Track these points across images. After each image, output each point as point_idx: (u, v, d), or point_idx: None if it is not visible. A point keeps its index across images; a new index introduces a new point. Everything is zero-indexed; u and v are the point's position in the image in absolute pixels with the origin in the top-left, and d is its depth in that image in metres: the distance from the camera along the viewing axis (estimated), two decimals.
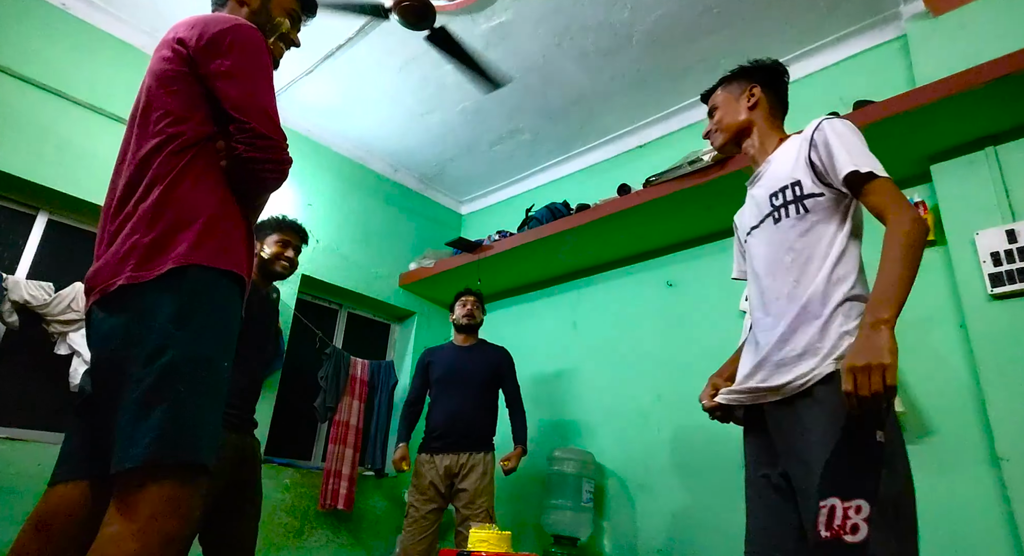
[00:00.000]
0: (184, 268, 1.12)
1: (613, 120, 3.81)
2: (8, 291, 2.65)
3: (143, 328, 1.09)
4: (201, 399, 1.09)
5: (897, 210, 1.28)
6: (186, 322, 1.10)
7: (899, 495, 1.17)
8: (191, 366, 1.09)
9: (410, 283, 4.23)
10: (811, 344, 1.32)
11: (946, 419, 2.31)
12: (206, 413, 1.10)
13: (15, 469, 2.51)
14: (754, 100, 1.65)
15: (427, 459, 2.99)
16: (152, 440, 1.01)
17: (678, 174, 2.94)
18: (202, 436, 1.08)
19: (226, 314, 1.19)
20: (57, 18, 3.00)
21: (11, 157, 2.73)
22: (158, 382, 1.05)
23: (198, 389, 1.09)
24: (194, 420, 1.07)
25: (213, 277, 1.16)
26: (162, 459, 1.02)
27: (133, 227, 1.15)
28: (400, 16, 2.75)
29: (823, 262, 1.36)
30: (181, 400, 1.05)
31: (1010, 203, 2.29)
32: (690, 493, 2.92)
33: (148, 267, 1.12)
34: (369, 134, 4.08)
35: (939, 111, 2.30)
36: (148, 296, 1.11)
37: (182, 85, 1.25)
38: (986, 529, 2.12)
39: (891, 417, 1.23)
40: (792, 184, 1.45)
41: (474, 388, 3.08)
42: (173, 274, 1.11)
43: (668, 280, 3.42)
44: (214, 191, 1.22)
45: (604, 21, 3.06)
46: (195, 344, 1.10)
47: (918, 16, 2.71)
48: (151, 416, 1.03)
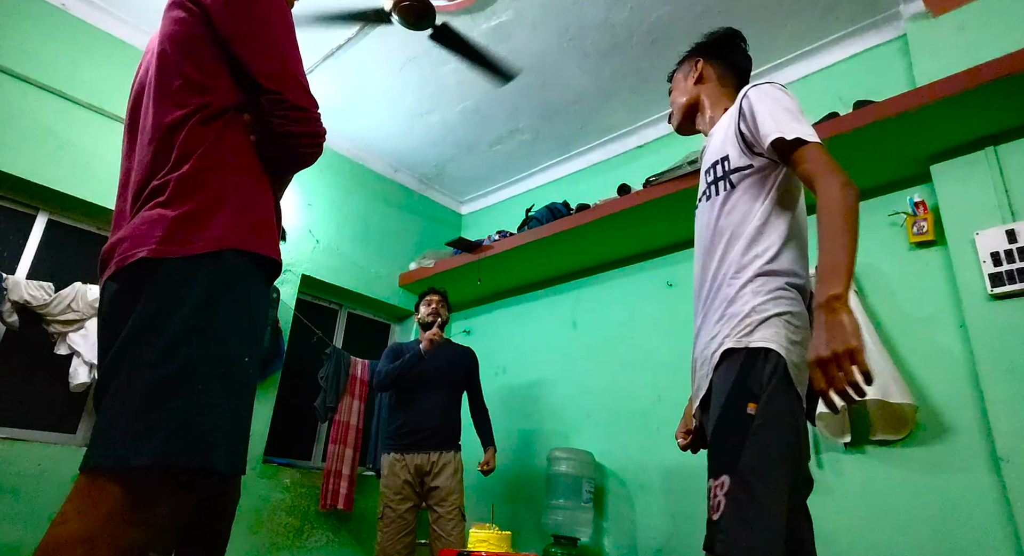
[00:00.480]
0: (218, 252, 1.01)
1: (613, 120, 3.81)
2: (8, 291, 2.65)
3: (165, 310, 0.97)
4: (222, 400, 0.98)
5: (825, 177, 1.19)
6: (215, 312, 0.99)
7: (764, 466, 1.10)
8: (214, 363, 0.98)
9: (410, 283, 4.23)
10: (719, 331, 1.25)
11: (946, 419, 2.31)
12: (226, 415, 0.99)
13: (15, 469, 2.51)
14: (697, 74, 1.59)
15: (398, 458, 2.97)
16: (164, 439, 0.91)
17: (678, 174, 2.94)
18: (219, 441, 0.97)
19: (256, 307, 1.09)
20: (57, 18, 3.00)
21: (11, 157, 2.73)
22: (175, 375, 0.94)
23: (219, 388, 0.98)
24: (211, 422, 0.96)
25: (247, 265, 1.05)
26: (171, 461, 0.91)
27: (163, 200, 1.04)
28: (400, 16, 2.75)
29: (741, 240, 1.27)
30: (199, 398, 0.95)
31: (1010, 203, 2.29)
32: (690, 493, 2.92)
33: (177, 243, 1.00)
34: (369, 134, 4.08)
35: (939, 111, 2.30)
36: (175, 275, 0.99)
37: (200, 49, 1.13)
38: (986, 529, 2.12)
39: (773, 387, 1.15)
40: (721, 159, 1.37)
41: (443, 387, 3.09)
42: (206, 256, 1.00)
43: (668, 280, 3.41)
44: (250, 169, 1.12)
45: (604, 21, 3.06)
46: (222, 339, 1.00)
47: (918, 16, 2.71)
48: (162, 411, 0.92)
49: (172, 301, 0.98)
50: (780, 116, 1.26)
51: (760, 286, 1.21)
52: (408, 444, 2.98)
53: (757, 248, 1.25)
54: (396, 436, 3.03)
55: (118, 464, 0.90)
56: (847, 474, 2.48)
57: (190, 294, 0.98)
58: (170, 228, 1.00)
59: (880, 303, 2.59)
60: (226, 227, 1.03)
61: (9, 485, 2.45)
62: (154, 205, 1.04)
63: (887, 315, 2.55)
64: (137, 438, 0.91)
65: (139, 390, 0.93)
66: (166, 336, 0.95)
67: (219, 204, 1.05)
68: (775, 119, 1.26)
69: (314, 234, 3.90)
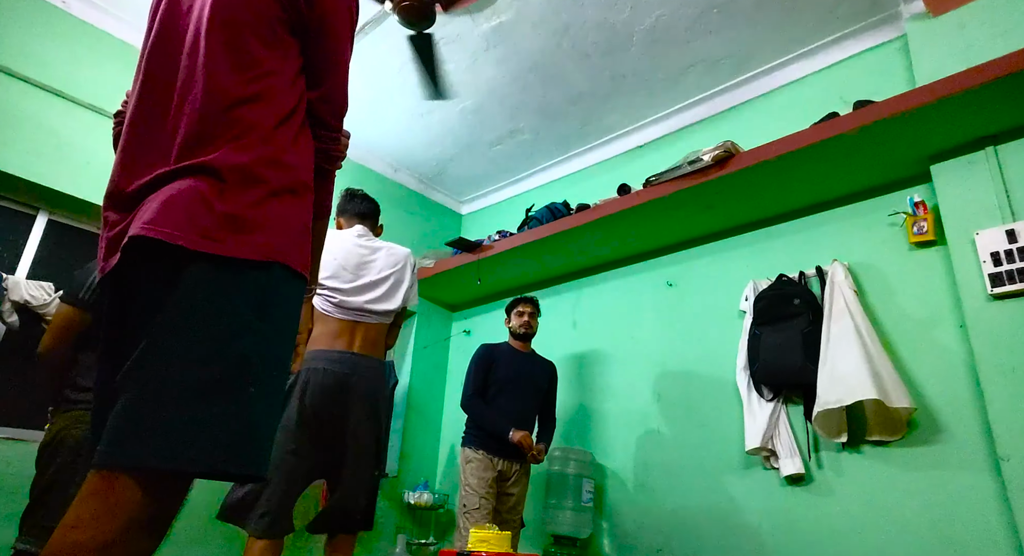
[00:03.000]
0: (267, 263, 0.94)
1: (613, 120, 3.81)
2: (8, 291, 2.65)
3: (216, 307, 0.88)
4: (267, 404, 0.91)
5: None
6: (268, 313, 0.92)
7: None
8: (266, 365, 0.91)
9: None
10: None
11: (946, 419, 2.31)
12: (268, 417, 0.93)
13: (15, 469, 2.50)
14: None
15: (488, 458, 2.93)
16: (212, 442, 0.83)
17: (678, 174, 2.94)
18: (266, 443, 0.92)
19: (297, 315, 1.03)
20: (57, 18, 3.00)
21: (11, 157, 2.73)
22: (226, 374, 0.86)
23: (268, 392, 0.91)
24: (260, 423, 0.90)
25: (289, 277, 0.98)
26: (222, 465, 0.84)
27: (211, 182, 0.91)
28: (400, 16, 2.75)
29: None
30: (250, 401, 0.88)
31: (1010, 203, 2.29)
32: (690, 493, 2.92)
33: (226, 241, 0.89)
34: (369, 134, 4.08)
35: (939, 111, 2.30)
36: (222, 274, 0.89)
37: (276, 33, 1.02)
38: (986, 529, 2.12)
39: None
40: None
41: (532, 394, 3.10)
42: (253, 263, 0.92)
43: (668, 280, 3.42)
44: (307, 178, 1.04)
45: (604, 21, 3.06)
46: (275, 341, 0.94)
47: (918, 16, 2.71)
48: (210, 411, 0.84)
49: (222, 299, 0.89)
50: None
51: None
52: (497, 448, 2.94)
53: None
54: (486, 435, 2.97)
55: (154, 466, 0.80)
56: (847, 474, 2.48)
57: (241, 295, 0.90)
58: (219, 222, 0.89)
59: (880, 303, 2.59)
60: (277, 237, 0.95)
61: (9, 485, 2.45)
62: (198, 181, 0.91)
63: (887, 315, 2.55)
64: (180, 440, 0.81)
65: (183, 386, 0.83)
66: (219, 332, 0.87)
67: (272, 210, 0.95)
68: None
69: None
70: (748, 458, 2.76)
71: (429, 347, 4.37)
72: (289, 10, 1.03)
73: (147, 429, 0.81)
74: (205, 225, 0.88)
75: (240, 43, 0.99)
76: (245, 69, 0.98)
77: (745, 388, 2.77)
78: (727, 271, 3.17)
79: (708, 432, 2.95)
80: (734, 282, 3.07)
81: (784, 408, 2.68)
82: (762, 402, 2.70)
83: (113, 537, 0.78)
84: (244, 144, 0.95)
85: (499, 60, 3.26)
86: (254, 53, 0.99)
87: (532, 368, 3.16)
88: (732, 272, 3.13)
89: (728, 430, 2.87)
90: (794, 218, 3.01)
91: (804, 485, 2.58)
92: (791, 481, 2.61)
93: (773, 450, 2.64)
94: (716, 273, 3.21)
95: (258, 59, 0.99)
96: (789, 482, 2.61)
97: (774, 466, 2.65)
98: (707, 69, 3.33)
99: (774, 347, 2.67)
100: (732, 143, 2.82)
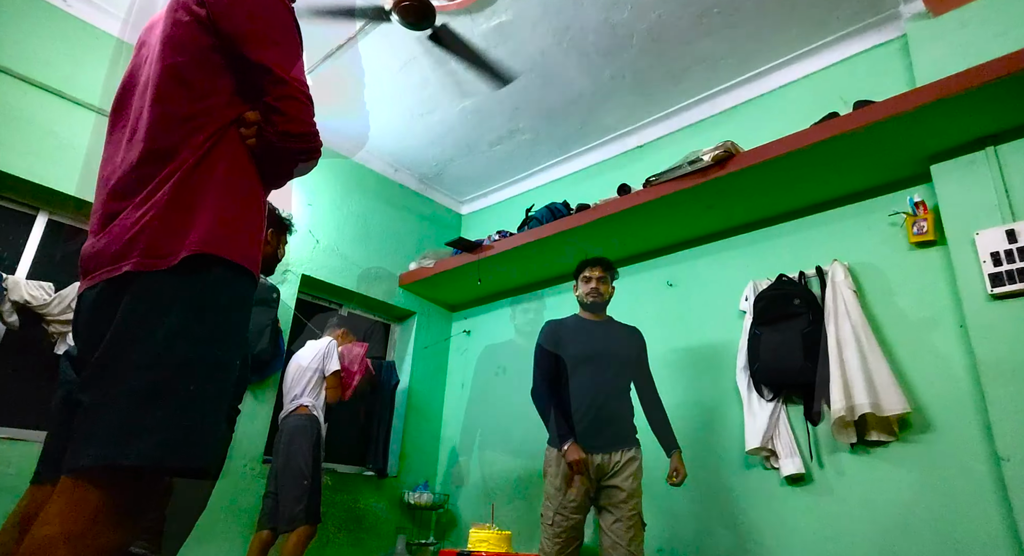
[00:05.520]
0: (202, 257, 1.02)
1: (613, 120, 3.81)
2: (8, 291, 2.65)
3: (152, 316, 0.98)
4: (209, 402, 1.00)
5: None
6: (205, 317, 1.01)
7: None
8: (206, 365, 1.00)
9: (410, 283, 4.23)
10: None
11: (947, 419, 2.31)
12: (213, 416, 1.01)
13: (15, 469, 2.51)
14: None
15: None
16: (158, 440, 0.91)
17: (678, 174, 2.94)
18: (209, 441, 0.99)
19: (241, 311, 1.10)
20: (57, 18, 3.00)
21: (11, 157, 2.73)
22: (168, 376, 0.95)
23: (209, 390, 1.00)
24: (203, 422, 0.98)
25: (231, 271, 1.06)
26: (165, 462, 0.92)
27: (147, 206, 1.03)
28: (400, 16, 2.75)
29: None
30: (190, 399, 0.96)
31: (1010, 203, 2.29)
32: (690, 493, 2.91)
33: (160, 254, 1.00)
34: (369, 134, 4.08)
35: (939, 111, 2.30)
36: (158, 284, 1.00)
37: (201, 54, 1.11)
38: (987, 529, 2.12)
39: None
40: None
41: (616, 370, 2.51)
42: (190, 263, 1.01)
43: (668, 280, 3.41)
44: (241, 178, 1.11)
45: (604, 21, 3.06)
46: (212, 342, 1.01)
47: (918, 16, 2.71)
48: (156, 412, 0.92)
49: (159, 308, 0.99)
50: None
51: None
52: (588, 442, 2.40)
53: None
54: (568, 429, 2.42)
55: (106, 463, 0.89)
56: (847, 474, 2.48)
57: (176, 301, 0.99)
58: (152, 238, 1.01)
59: (880, 303, 2.59)
60: (207, 234, 1.02)
61: (9, 485, 2.45)
62: (137, 209, 1.04)
63: (887, 315, 2.55)
64: (129, 438, 0.90)
65: (130, 392, 0.93)
66: (156, 340, 0.96)
67: (202, 212, 1.04)
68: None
69: (314, 234, 3.90)
70: (748, 458, 2.76)
71: (429, 347, 4.37)
72: (208, 31, 1.11)
73: (97, 434, 0.91)
74: (143, 246, 1.00)
75: (173, 78, 1.11)
76: (177, 100, 1.10)
77: (745, 388, 2.77)
78: (727, 271, 3.17)
79: (708, 432, 2.95)
80: (734, 282, 3.07)
81: (784, 408, 2.68)
82: (762, 402, 2.70)
83: (79, 530, 0.86)
84: (172, 163, 1.06)
85: (499, 60, 3.26)
86: (189, 82, 1.11)
87: (610, 341, 2.57)
88: (732, 272, 3.13)
89: (728, 430, 2.87)
90: (794, 218, 3.01)
91: (804, 485, 2.58)
92: (791, 481, 2.61)
93: (773, 450, 2.64)
94: (716, 273, 3.21)
95: (191, 86, 1.10)
96: (789, 482, 2.61)
97: (774, 466, 2.65)
98: (707, 69, 3.33)
99: (774, 347, 2.67)
100: (732, 143, 2.82)
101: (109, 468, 0.90)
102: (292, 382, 3.12)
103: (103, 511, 0.89)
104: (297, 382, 3.09)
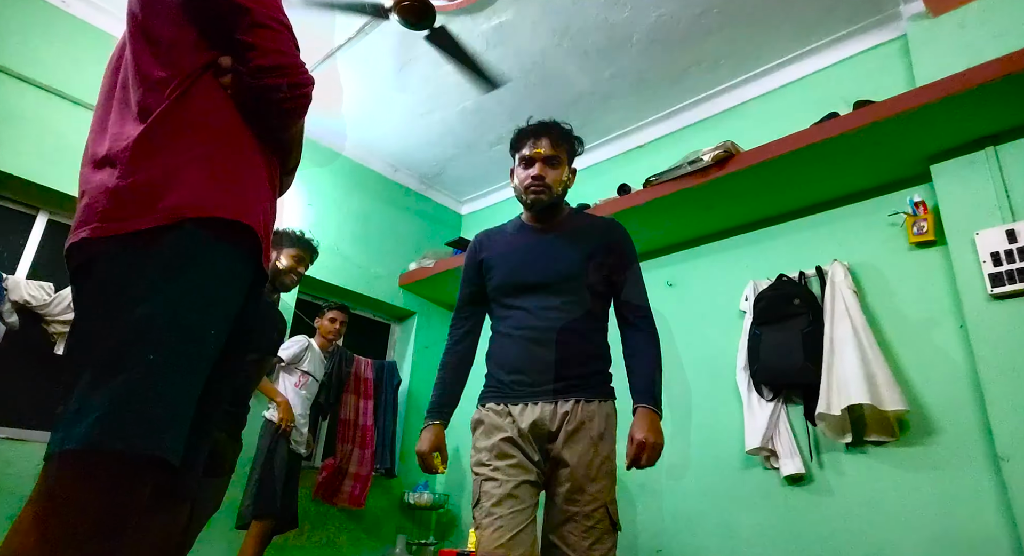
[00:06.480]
0: (176, 224, 0.90)
1: (613, 120, 3.81)
2: (8, 291, 2.65)
3: (116, 280, 0.88)
4: (175, 374, 0.86)
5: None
6: (177, 274, 0.89)
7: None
8: (170, 329, 0.86)
9: (410, 283, 4.23)
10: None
11: (947, 419, 2.31)
12: (177, 392, 0.87)
13: (15, 469, 2.51)
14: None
15: (498, 409, 1.71)
16: (101, 417, 0.80)
17: (678, 174, 2.94)
18: (168, 421, 0.85)
19: (224, 276, 0.96)
20: (57, 18, 3.00)
21: (11, 157, 2.73)
22: (124, 342, 0.84)
23: (174, 360, 0.86)
24: (160, 399, 0.84)
25: (211, 235, 0.93)
26: (104, 443, 0.80)
27: (110, 167, 0.93)
28: (400, 16, 2.75)
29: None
30: (149, 370, 0.83)
31: (1010, 203, 2.29)
32: (690, 493, 2.92)
33: (123, 217, 0.89)
34: (369, 134, 4.08)
35: (939, 111, 2.30)
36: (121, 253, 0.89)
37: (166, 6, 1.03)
38: (987, 529, 2.12)
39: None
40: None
41: (569, 301, 1.75)
42: (159, 230, 0.89)
43: (668, 280, 3.41)
44: (221, 130, 1.01)
45: (604, 21, 3.06)
46: (180, 304, 0.88)
47: (918, 16, 2.71)
48: (103, 388, 0.81)
49: (125, 271, 0.88)
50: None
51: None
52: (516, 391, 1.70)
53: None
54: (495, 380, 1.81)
55: (52, 449, 0.82)
56: (847, 474, 2.48)
57: (148, 263, 0.88)
58: (114, 200, 0.90)
59: (880, 303, 2.59)
60: (186, 194, 0.91)
61: (9, 485, 2.45)
62: (100, 170, 0.95)
63: (887, 315, 2.55)
64: (71, 420, 0.81)
65: (85, 371, 0.84)
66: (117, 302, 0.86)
67: (178, 170, 0.93)
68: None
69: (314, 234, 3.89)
70: (748, 458, 2.76)
71: (429, 347, 4.38)
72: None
73: (58, 416, 0.84)
74: (102, 209, 0.90)
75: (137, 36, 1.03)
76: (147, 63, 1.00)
77: (745, 388, 2.77)
78: (727, 271, 3.17)
79: (708, 432, 2.95)
80: (734, 282, 3.07)
81: (784, 408, 2.68)
82: (762, 402, 2.70)
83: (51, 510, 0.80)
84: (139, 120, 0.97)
85: (499, 60, 3.26)
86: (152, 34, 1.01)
87: (560, 261, 1.77)
88: (732, 272, 3.13)
89: (728, 430, 2.87)
90: (794, 218, 3.01)
91: (804, 485, 2.58)
92: (791, 481, 2.61)
93: (773, 450, 2.64)
94: (716, 273, 3.21)
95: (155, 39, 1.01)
96: (789, 482, 2.61)
97: (774, 466, 2.65)
98: (707, 69, 3.33)
99: (774, 347, 2.67)
100: (732, 143, 2.82)
101: (58, 457, 0.81)
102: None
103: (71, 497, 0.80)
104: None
